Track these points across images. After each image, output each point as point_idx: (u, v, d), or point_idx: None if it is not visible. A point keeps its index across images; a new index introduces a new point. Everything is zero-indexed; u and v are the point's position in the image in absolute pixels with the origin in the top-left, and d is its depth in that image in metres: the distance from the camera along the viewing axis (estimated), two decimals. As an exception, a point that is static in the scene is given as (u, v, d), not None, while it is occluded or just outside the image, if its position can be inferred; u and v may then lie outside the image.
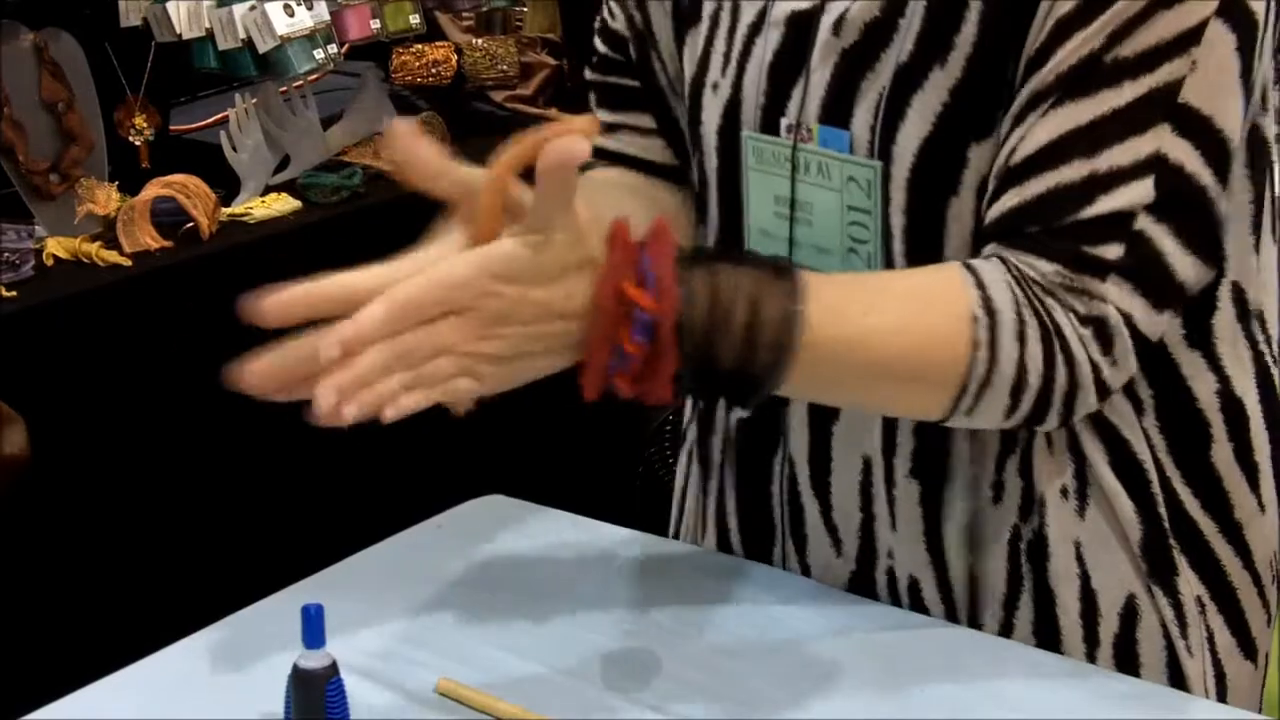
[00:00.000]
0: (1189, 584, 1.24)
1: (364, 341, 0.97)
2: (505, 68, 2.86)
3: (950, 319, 1.10)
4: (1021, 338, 1.10)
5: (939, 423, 1.14)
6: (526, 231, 0.99)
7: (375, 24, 2.70)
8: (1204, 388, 1.22)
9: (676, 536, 1.42)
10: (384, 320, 0.97)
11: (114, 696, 1.17)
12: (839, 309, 1.07)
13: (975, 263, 1.12)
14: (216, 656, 1.21)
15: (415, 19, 2.75)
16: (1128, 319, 1.11)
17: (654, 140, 1.34)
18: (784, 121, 1.21)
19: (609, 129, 1.35)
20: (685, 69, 1.28)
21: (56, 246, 2.29)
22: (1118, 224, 1.10)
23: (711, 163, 1.26)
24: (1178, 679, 1.24)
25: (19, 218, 2.32)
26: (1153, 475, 1.22)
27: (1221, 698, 1.27)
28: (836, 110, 1.18)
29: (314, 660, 1.05)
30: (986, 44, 1.12)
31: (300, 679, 1.06)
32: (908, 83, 1.15)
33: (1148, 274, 1.12)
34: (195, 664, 1.20)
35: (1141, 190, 1.10)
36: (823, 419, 1.26)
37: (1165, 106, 1.10)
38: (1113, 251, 1.10)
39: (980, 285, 1.10)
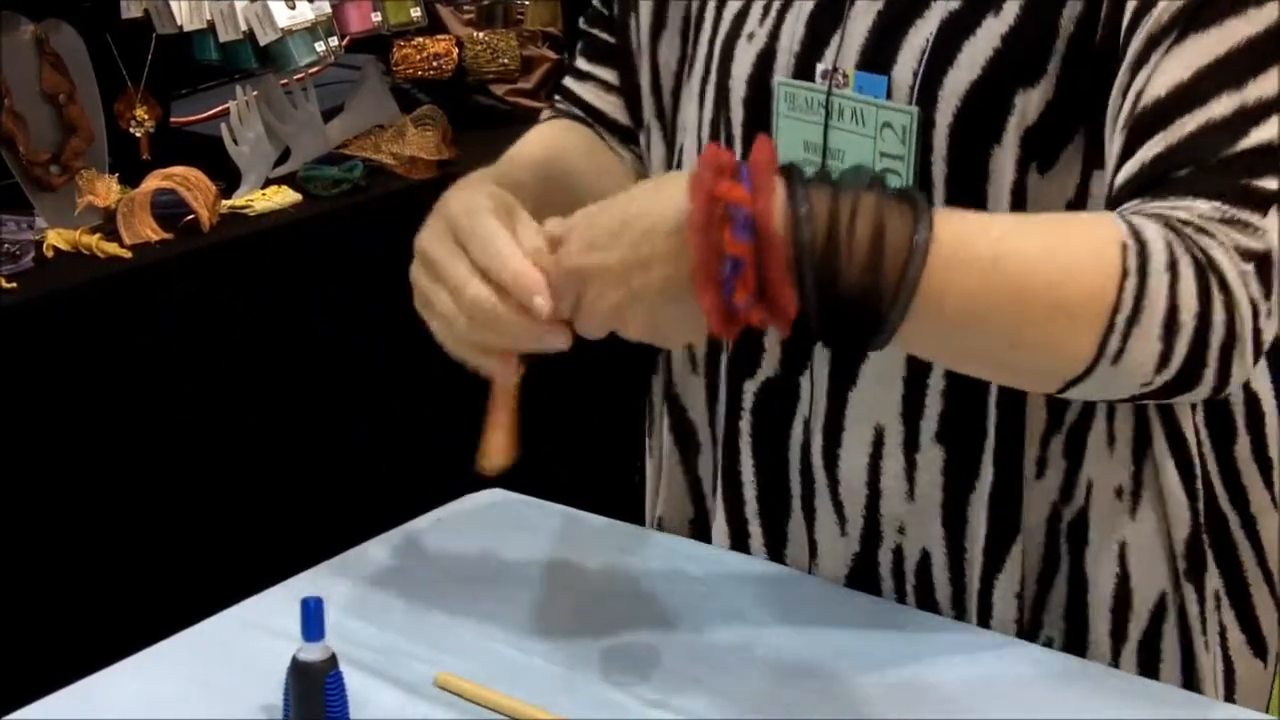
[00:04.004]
0: (1213, 579, 1.24)
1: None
2: (506, 61, 2.86)
3: (1097, 243, 1.03)
4: (1174, 269, 1.02)
5: (1083, 375, 1.04)
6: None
7: (376, 17, 2.70)
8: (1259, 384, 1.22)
9: (658, 525, 1.42)
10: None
11: (113, 688, 1.17)
12: (973, 230, 1.02)
13: (1120, 210, 1.07)
14: (216, 649, 1.21)
15: (416, 12, 2.75)
16: None
17: (614, 98, 1.39)
18: (820, 67, 1.21)
19: (581, 76, 1.42)
20: (722, 26, 1.28)
21: (57, 238, 2.29)
22: (1273, 155, 1.06)
23: (738, 115, 1.27)
24: (1190, 675, 1.24)
25: (19, 209, 2.32)
26: (1198, 471, 1.22)
27: (1230, 696, 1.26)
28: (876, 57, 1.18)
29: (313, 653, 1.05)
30: None
31: (299, 671, 1.06)
32: (957, 30, 1.15)
33: None
34: (195, 656, 1.21)
35: None
36: (841, 385, 1.25)
37: None
38: (1273, 183, 1.05)
39: (1127, 220, 1.05)
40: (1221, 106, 1.06)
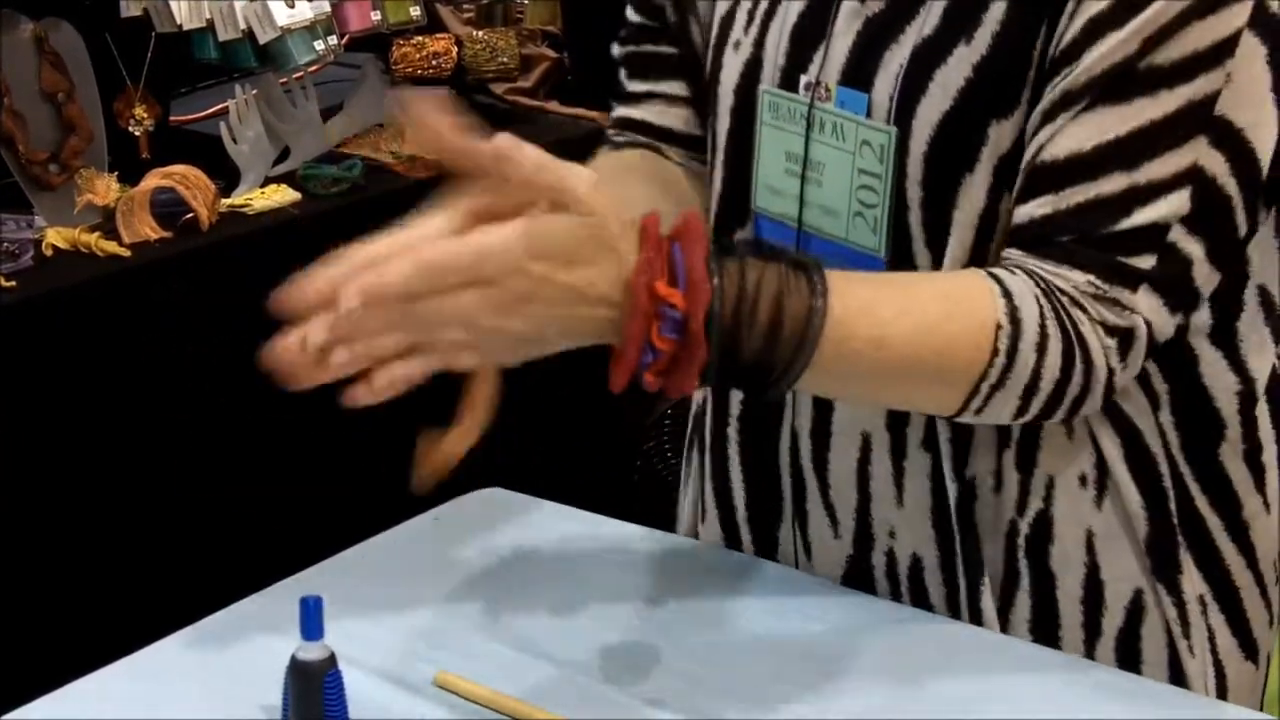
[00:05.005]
0: (1192, 583, 1.24)
1: (386, 296, 0.96)
2: (506, 60, 2.86)
3: (973, 325, 1.11)
4: (1041, 349, 1.11)
5: (948, 419, 1.16)
6: (551, 211, 0.99)
7: (376, 16, 2.70)
8: (1222, 386, 1.22)
9: (682, 530, 1.42)
10: (410, 277, 0.96)
11: (112, 687, 1.17)
12: (862, 308, 1.08)
13: (1001, 272, 1.13)
14: (215, 648, 1.21)
15: (416, 11, 2.75)
16: (1149, 327, 1.13)
17: (683, 109, 1.35)
18: (803, 79, 1.22)
19: (638, 99, 1.37)
20: (712, 30, 1.28)
21: (56, 237, 2.29)
22: (1153, 235, 1.11)
23: (724, 123, 1.27)
24: (1178, 679, 1.24)
25: (19, 208, 2.32)
26: (1164, 470, 1.22)
27: (1221, 698, 1.26)
28: (857, 75, 1.19)
29: (312, 652, 1.05)
30: (1014, 23, 1.13)
31: (298, 670, 1.06)
32: (930, 56, 1.15)
33: (1174, 284, 1.13)
34: (194, 655, 1.20)
35: (1178, 202, 1.11)
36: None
37: (1202, 119, 1.11)
38: (1146, 262, 1.12)
39: (1007, 295, 1.11)
40: (1113, 184, 1.11)
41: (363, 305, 0.96)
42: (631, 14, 1.36)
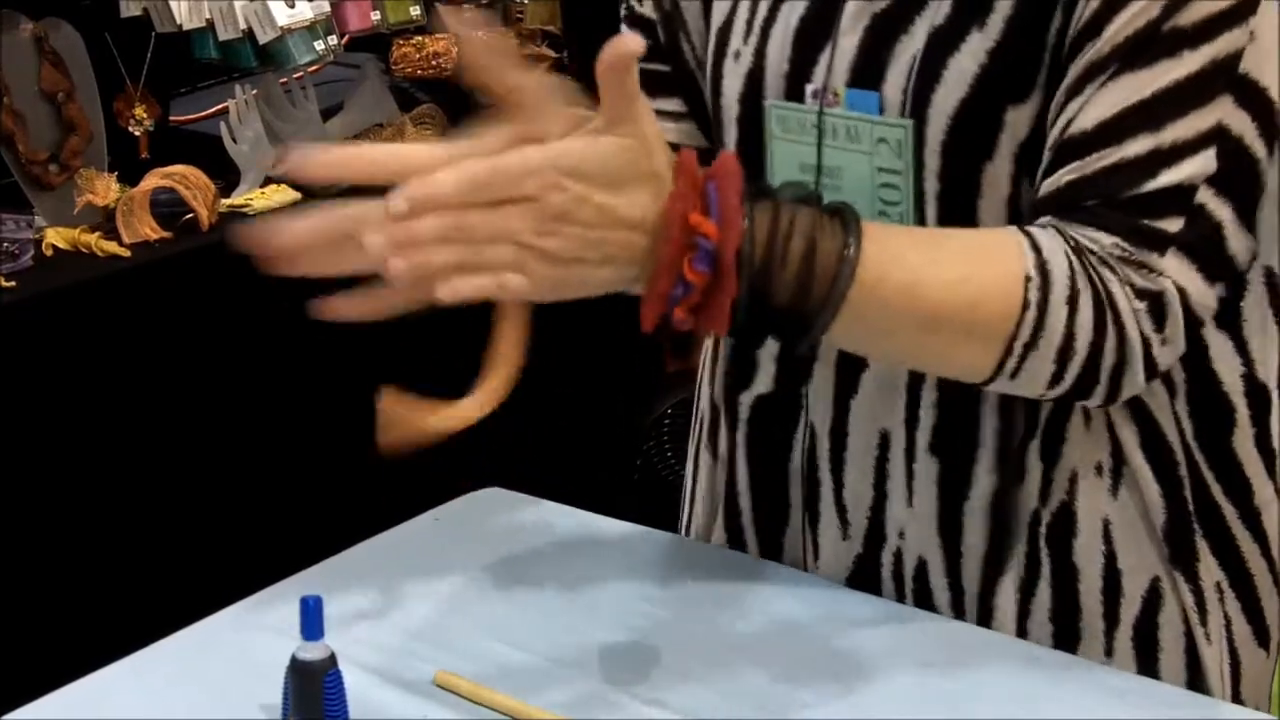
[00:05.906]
0: (1209, 570, 1.24)
1: (431, 205, 0.97)
2: (505, 60, 2.86)
3: (1003, 277, 1.10)
4: (1073, 304, 1.10)
5: (983, 385, 1.14)
6: (595, 133, 1.00)
7: (376, 16, 2.70)
8: (1229, 370, 1.22)
9: (688, 533, 1.42)
10: (453, 189, 0.97)
11: (113, 687, 1.17)
12: (895, 254, 1.08)
13: (1032, 229, 1.12)
14: (215, 647, 1.21)
15: (416, 10, 2.75)
16: (1183, 294, 1.12)
17: (686, 124, 1.35)
18: (809, 87, 1.21)
19: None
20: (710, 38, 1.28)
21: (56, 237, 2.29)
22: (1179, 197, 1.11)
23: (731, 135, 1.27)
24: (1195, 667, 1.24)
25: (18, 208, 2.32)
26: (1180, 459, 1.22)
27: (1236, 686, 1.27)
28: (866, 73, 1.18)
29: (312, 652, 1.05)
30: (1027, 6, 1.12)
31: (298, 670, 1.06)
32: (944, 45, 1.15)
33: (1205, 248, 1.12)
34: (194, 655, 1.20)
35: (1204, 162, 1.10)
36: (844, 392, 1.26)
37: (1226, 77, 1.10)
38: (1173, 225, 1.11)
39: (1036, 249, 1.10)
40: (1137, 146, 1.10)
41: (410, 212, 0.97)
42: (625, 30, 1.36)
